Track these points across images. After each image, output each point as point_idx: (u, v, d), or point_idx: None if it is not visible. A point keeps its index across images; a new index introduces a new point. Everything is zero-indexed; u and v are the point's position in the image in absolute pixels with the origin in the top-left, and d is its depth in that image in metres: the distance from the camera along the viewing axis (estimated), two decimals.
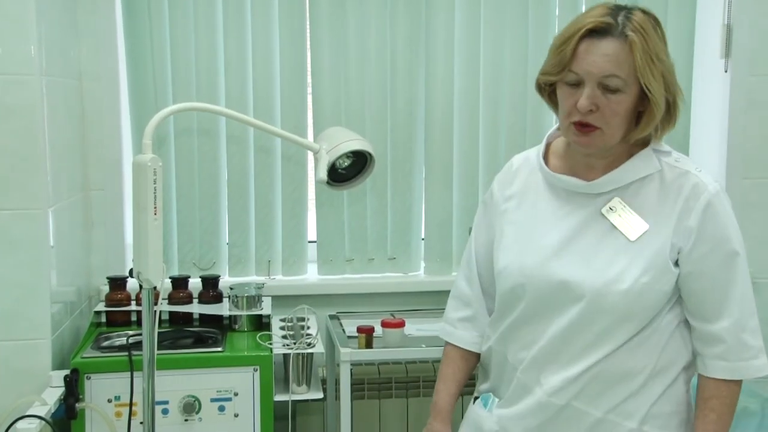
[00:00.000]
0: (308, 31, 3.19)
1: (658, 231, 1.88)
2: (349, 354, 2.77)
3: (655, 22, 1.86)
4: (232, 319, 2.93)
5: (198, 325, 2.95)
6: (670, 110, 1.86)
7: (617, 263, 1.88)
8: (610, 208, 1.91)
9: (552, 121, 3.30)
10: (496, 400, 2.07)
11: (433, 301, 3.31)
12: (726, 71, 3.39)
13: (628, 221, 1.89)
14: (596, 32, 1.79)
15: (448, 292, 3.31)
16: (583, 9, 3.29)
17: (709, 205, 1.87)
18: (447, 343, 2.21)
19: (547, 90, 1.95)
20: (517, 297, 1.98)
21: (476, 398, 2.17)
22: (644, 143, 1.94)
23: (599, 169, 1.94)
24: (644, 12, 1.85)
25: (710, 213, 1.87)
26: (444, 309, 3.31)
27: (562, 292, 1.91)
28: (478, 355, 2.17)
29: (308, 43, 3.20)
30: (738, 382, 1.92)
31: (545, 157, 2.04)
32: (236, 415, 2.61)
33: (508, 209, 2.06)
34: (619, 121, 1.84)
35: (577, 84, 1.82)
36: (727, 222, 1.89)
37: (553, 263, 1.93)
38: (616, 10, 1.82)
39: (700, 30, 3.39)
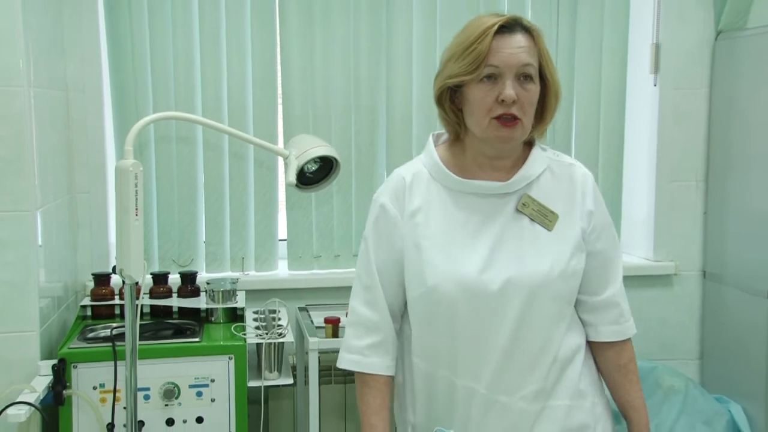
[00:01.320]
0: (278, 45, 3.18)
1: (568, 218, 1.88)
2: (317, 343, 2.75)
3: None
4: (209, 311, 2.91)
5: (177, 318, 2.93)
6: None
7: (547, 254, 1.85)
8: (524, 204, 1.86)
9: None
10: None
11: None
12: (655, 85, 3.43)
13: (541, 213, 1.87)
14: (506, 28, 1.77)
15: None
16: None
17: (595, 190, 1.94)
18: (362, 374, 1.94)
19: (447, 100, 1.87)
20: (457, 312, 1.83)
21: None
22: (529, 143, 1.93)
23: (505, 170, 1.88)
24: None
25: (597, 196, 1.94)
26: None
27: (505, 296, 1.81)
28: (391, 378, 1.97)
29: (278, 57, 3.19)
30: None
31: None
32: (213, 400, 2.59)
33: (417, 224, 1.88)
34: (533, 112, 1.82)
35: (493, 80, 1.77)
36: (603, 200, 1.97)
37: (490, 271, 1.82)
38: (504, 15, 1.82)
39: (632, 48, 3.44)
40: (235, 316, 2.91)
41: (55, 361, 2.45)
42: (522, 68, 1.76)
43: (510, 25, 1.78)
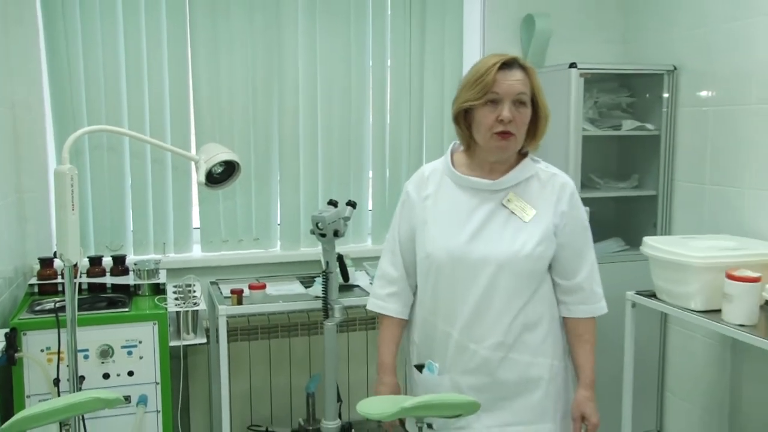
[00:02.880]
0: (190, 70, 3.16)
1: (543, 214, 1.94)
2: (225, 309, 2.77)
3: None
4: (137, 286, 2.90)
5: (110, 292, 2.90)
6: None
7: (519, 238, 1.91)
8: (508, 200, 1.94)
9: (365, 139, 3.43)
10: (436, 365, 1.99)
11: (287, 269, 3.36)
12: None
13: (521, 208, 1.93)
14: (507, 65, 1.87)
15: (298, 263, 3.37)
16: (388, 71, 3.41)
17: (572, 195, 1.98)
18: (381, 315, 2.10)
19: (462, 119, 1.95)
20: (443, 274, 1.94)
21: (419, 367, 2.06)
22: (523, 154, 2.00)
23: (499, 173, 1.96)
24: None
25: (573, 200, 1.98)
26: (295, 275, 3.38)
27: (481, 264, 1.90)
28: (404, 320, 2.10)
29: (190, 80, 3.17)
30: (595, 319, 2.03)
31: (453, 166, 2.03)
32: (141, 357, 2.59)
33: (427, 206, 2.00)
34: (524, 130, 1.90)
35: (495, 104, 1.85)
36: (582, 207, 2.02)
37: (473, 244, 1.91)
38: (506, 56, 1.90)
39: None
40: (158, 289, 2.90)
41: (7, 330, 2.41)
42: (517, 96, 1.86)
43: (509, 63, 1.87)
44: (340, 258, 2.95)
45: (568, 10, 3.59)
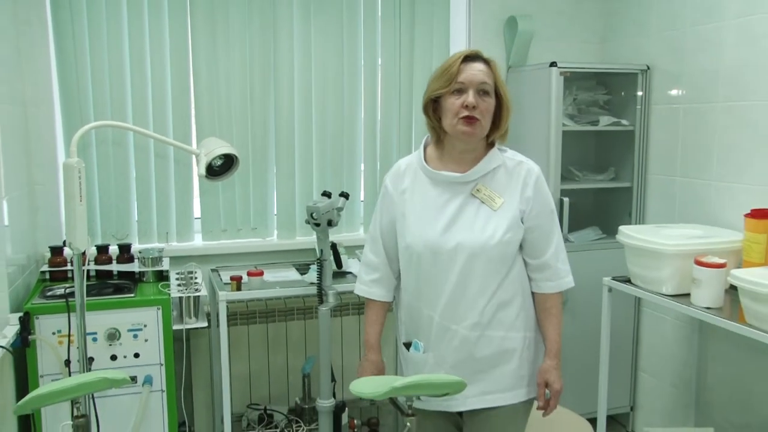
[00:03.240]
0: (191, 68, 3.17)
1: (510, 202, 1.97)
2: (225, 295, 2.79)
3: None
4: (141, 273, 2.91)
5: (117, 279, 2.91)
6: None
7: (489, 226, 1.94)
8: (477, 190, 1.97)
9: (357, 134, 3.45)
10: (421, 343, 2.05)
11: (283, 257, 3.38)
12: None
13: (490, 197, 1.96)
14: (470, 57, 1.93)
15: (294, 251, 3.38)
16: (379, 69, 3.43)
17: (537, 181, 2.00)
18: (366, 298, 2.18)
19: (431, 110, 1.99)
20: (423, 263, 1.99)
21: (407, 345, 2.11)
22: (491, 145, 2.02)
23: (467, 164, 1.99)
24: None
25: (538, 186, 2.00)
26: (291, 263, 3.38)
27: (456, 251, 1.94)
28: (388, 303, 2.17)
29: (191, 77, 3.18)
30: (561, 294, 2.06)
31: (425, 161, 2.06)
32: (146, 340, 2.61)
33: (405, 199, 2.04)
34: (489, 117, 1.94)
35: (461, 93, 1.90)
36: (547, 191, 2.04)
37: (447, 235, 1.95)
38: (470, 50, 1.96)
39: None
40: (161, 276, 2.92)
41: (21, 314, 2.44)
42: (480, 85, 1.90)
43: (473, 56, 1.93)
44: (334, 246, 2.96)
45: (549, 12, 3.62)
